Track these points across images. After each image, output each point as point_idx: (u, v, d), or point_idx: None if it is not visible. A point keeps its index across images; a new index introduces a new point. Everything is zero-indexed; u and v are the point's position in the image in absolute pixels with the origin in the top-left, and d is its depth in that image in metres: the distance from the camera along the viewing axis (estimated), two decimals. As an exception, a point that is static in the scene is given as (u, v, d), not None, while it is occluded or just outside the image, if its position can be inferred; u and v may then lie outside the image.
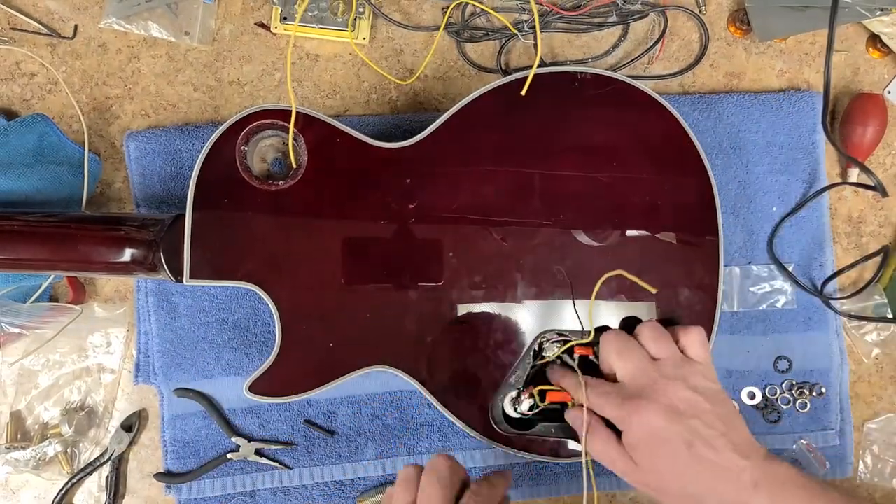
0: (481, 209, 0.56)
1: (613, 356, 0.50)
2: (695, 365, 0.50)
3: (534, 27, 0.64)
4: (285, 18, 0.63)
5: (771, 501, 0.43)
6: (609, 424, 0.49)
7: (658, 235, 0.57)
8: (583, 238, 0.56)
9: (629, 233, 0.56)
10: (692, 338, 0.51)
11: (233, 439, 0.60)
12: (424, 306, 0.55)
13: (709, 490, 0.45)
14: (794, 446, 0.63)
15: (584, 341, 0.55)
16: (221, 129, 0.54)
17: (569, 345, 0.55)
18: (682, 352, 0.51)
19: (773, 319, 0.64)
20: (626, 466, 0.47)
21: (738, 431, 0.46)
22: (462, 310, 0.55)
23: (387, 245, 0.55)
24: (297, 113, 0.54)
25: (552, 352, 0.56)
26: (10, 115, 0.63)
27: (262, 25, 0.64)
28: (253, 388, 0.54)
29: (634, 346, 0.51)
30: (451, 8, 0.64)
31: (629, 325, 0.55)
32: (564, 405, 0.55)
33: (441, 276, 0.55)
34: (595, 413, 0.50)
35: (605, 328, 0.55)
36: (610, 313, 0.56)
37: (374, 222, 0.55)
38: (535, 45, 0.64)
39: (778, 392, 0.63)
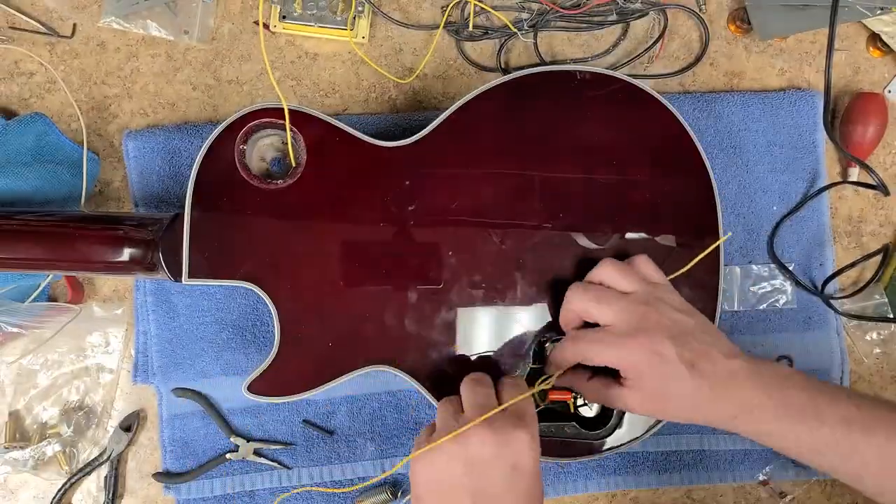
0: (480, 208, 0.56)
1: (592, 307, 0.49)
2: (661, 286, 0.51)
3: (533, 26, 0.63)
4: (284, 17, 0.63)
5: (767, 395, 0.46)
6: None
7: (658, 235, 0.57)
8: (582, 237, 0.56)
9: (629, 231, 0.56)
10: (646, 265, 0.52)
11: (231, 439, 0.60)
12: (424, 306, 0.55)
13: (715, 398, 0.46)
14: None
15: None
16: (220, 128, 0.54)
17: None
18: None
19: (773, 319, 0.63)
20: (629, 399, 0.48)
21: (720, 338, 0.49)
22: (461, 310, 0.55)
23: (386, 244, 0.55)
24: (297, 112, 0.54)
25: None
26: (8, 114, 0.63)
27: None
28: (252, 388, 0.54)
29: (604, 289, 0.50)
30: (450, 7, 0.64)
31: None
32: (565, 405, 0.55)
33: (440, 276, 0.55)
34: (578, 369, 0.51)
35: None
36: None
37: (374, 221, 0.55)
38: (535, 44, 0.64)
39: (778, 392, 0.63)
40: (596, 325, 0.50)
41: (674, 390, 0.47)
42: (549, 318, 0.56)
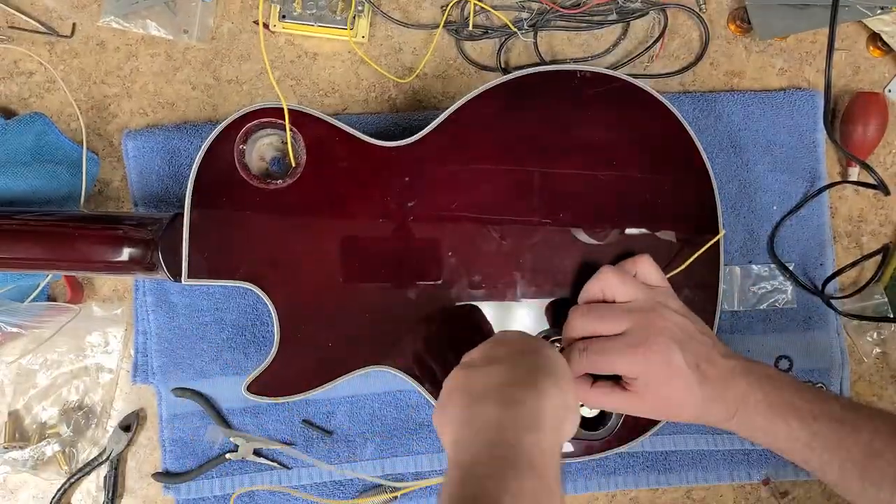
0: (480, 208, 0.56)
1: (598, 326, 0.50)
2: (661, 289, 0.52)
3: (533, 25, 0.63)
4: (284, 17, 0.63)
5: (763, 392, 0.47)
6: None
7: (658, 234, 0.57)
8: (582, 237, 0.56)
9: (629, 231, 0.56)
10: (646, 268, 0.52)
11: (231, 439, 0.60)
12: (424, 306, 0.55)
13: (715, 398, 0.47)
14: (795, 446, 0.62)
15: None
16: (220, 127, 0.54)
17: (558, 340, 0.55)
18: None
19: (773, 319, 0.63)
20: (636, 404, 0.49)
21: (716, 339, 0.50)
22: (462, 309, 0.55)
23: (386, 244, 0.55)
24: (297, 112, 0.54)
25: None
26: (8, 113, 0.63)
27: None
28: (251, 388, 0.53)
29: (605, 306, 0.51)
30: (450, 6, 0.64)
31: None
32: None
33: (440, 275, 0.55)
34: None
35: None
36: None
37: (373, 221, 0.55)
38: (535, 44, 0.64)
39: (778, 392, 0.63)
40: None
41: (679, 393, 0.47)
42: (550, 316, 0.56)
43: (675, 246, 0.57)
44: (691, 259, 0.55)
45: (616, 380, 0.50)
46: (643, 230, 0.56)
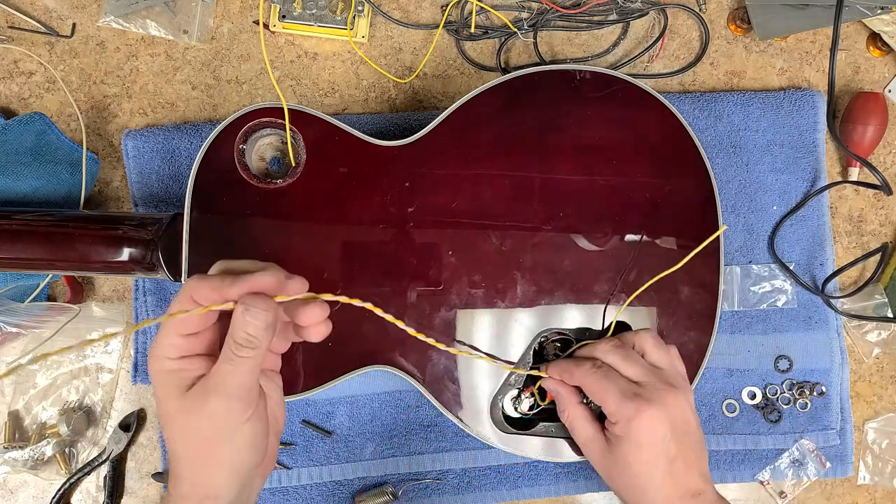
0: (480, 208, 0.55)
1: (621, 361, 0.50)
2: (688, 384, 0.51)
3: (533, 25, 0.63)
4: (284, 17, 0.63)
5: None
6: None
7: (657, 235, 0.57)
8: (583, 236, 0.56)
9: (629, 231, 0.56)
10: (680, 360, 0.52)
11: (231, 439, 0.60)
12: (424, 306, 0.55)
13: (665, 499, 0.47)
14: (795, 446, 0.62)
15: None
16: (219, 127, 0.54)
17: (579, 345, 0.55)
18: None
19: (773, 319, 0.63)
20: (597, 449, 0.50)
21: (705, 461, 0.49)
22: (461, 309, 0.55)
23: (385, 244, 0.55)
24: (296, 112, 0.54)
25: (553, 351, 0.56)
26: (7, 113, 0.63)
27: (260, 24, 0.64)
28: (251, 388, 0.53)
29: (638, 356, 0.51)
30: (450, 6, 0.64)
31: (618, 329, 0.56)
32: None
33: (440, 275, 0.55)
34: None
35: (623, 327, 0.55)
36: (610, 314, 0.56)
37: (373, 220, 0.55)
38: (535, 44, 0.64)
39: (778, 391, 0.63)
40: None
41: (639, 468, 0.47)
42: (550, 319, 0.56)
43: (675, 245, 0.57)
44: (693, 253, 0.55)
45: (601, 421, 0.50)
46: (643, 231, 0.56)
